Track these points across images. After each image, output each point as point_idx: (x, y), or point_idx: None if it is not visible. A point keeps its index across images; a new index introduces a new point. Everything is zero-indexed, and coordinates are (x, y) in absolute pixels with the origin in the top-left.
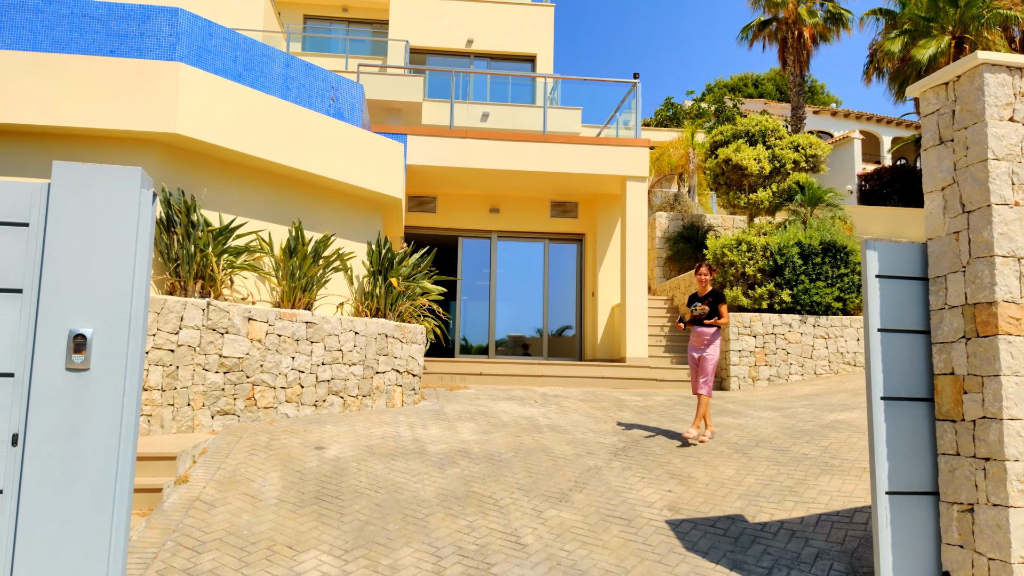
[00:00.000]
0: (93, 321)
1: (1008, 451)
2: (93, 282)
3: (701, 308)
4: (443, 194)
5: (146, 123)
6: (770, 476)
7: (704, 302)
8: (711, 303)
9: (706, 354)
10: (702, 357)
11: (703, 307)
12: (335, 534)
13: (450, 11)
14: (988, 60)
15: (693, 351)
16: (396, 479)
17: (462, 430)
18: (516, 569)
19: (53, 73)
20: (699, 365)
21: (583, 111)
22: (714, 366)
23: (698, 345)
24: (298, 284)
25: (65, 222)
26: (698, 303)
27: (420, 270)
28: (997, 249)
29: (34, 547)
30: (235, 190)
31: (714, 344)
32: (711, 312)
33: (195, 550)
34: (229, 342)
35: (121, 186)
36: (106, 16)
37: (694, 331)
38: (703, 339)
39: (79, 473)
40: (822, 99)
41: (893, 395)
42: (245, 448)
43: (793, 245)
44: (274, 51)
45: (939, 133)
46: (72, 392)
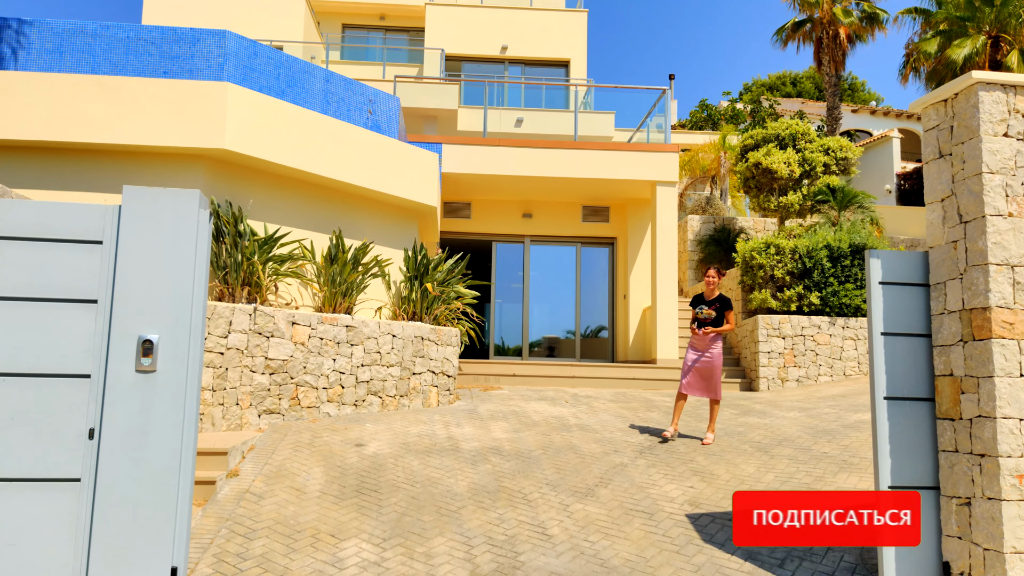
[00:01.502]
0: (159, 328)
1: (1001, 448)
2: (158, 293)
3: (708, 312)
4: (477, 200)
5: (197, 140)
6: (789, 473)
7: (711, 306)
8: (718, 309)
9: (712, 359)
10: (709, 362)
11: (710, 311)
12: (374, 524)
13: (485, 19)
14: (983, 79)
15: (695, 353)
16: (431, 474)
17: (494, 429)
18: (542, 558)
19: (112, 94)
20: (705, 371)
21: (616, 115)
22: (720, 369)
23: (701, 348)
24: (338, 290)
25: (134, 239)
26: (704, 306)
27: (454, 275)
28: (991, 258)
29: (109, 530)
30: (279, 201)
31: (717, 346)
32: (718, 317)
33: (247, 537)
34: (274, 345)
35: (182, 207)
36: (160, 39)
37: (697, 333)
38: (709, 342)
39: (148, 464)
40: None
41: (896, 395)
42: (290, 445)
43: (822, 248)
44: (315, 68)
45: (939, 147)
46: (141, 392)
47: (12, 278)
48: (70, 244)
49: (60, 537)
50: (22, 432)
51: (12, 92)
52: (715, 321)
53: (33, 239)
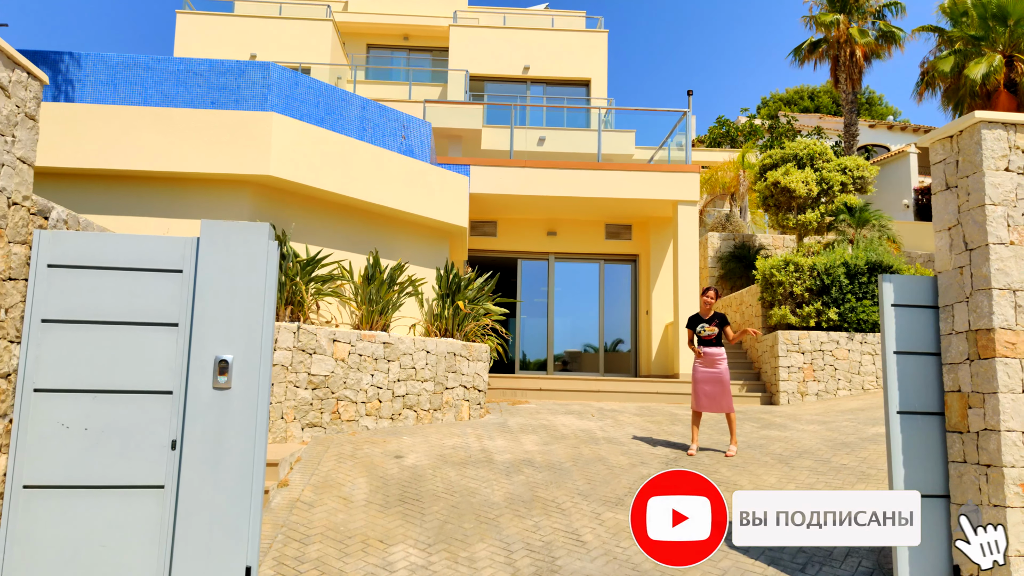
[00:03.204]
0: (233, 348)
1: (1005, 458)
2: (232, 317)
3: (710, 329)
4: (503, 219)
5: (243, 166)
6: (809, 484)
7: (711, 324)
8: (718, 325)
9: (720, 374)
10: (719, 377)
11: (712, 328)
12: (418, 531)
13: (507, 39)
14: (985, 118)
15: (705, 371)
16: (468, 484)
17: (525, 441)
18: (577, 562)
19: (164, 124)
20: (716, 386)
21: (636, 133)
22: (728, 383)
23: (710, 365)
24: (375, 308)
25: (211, 268)
26: (705, 324)
27: (484, 293)
28: (994, 283)
29: (190, 531)
30: (319, 223)
31: (724, 361)
32: (718, 334)
33: (302, 542)
34: (317, 361)
35: (253, 238)
36: (208, 71)
37: (704, 353)
38: (715, 359)
39: (224, 472)
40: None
41: (908, 409)
42: (333, 457)
43: (840, 265)
44: (351, 95)
45: (945, 180)
46: (218, 406)
47: (105, 304)
48: (154, 273)
49: (146, 538)
50: (113, 444)
51: (74, 123)
52: (717, 337)
53: (123, 268)
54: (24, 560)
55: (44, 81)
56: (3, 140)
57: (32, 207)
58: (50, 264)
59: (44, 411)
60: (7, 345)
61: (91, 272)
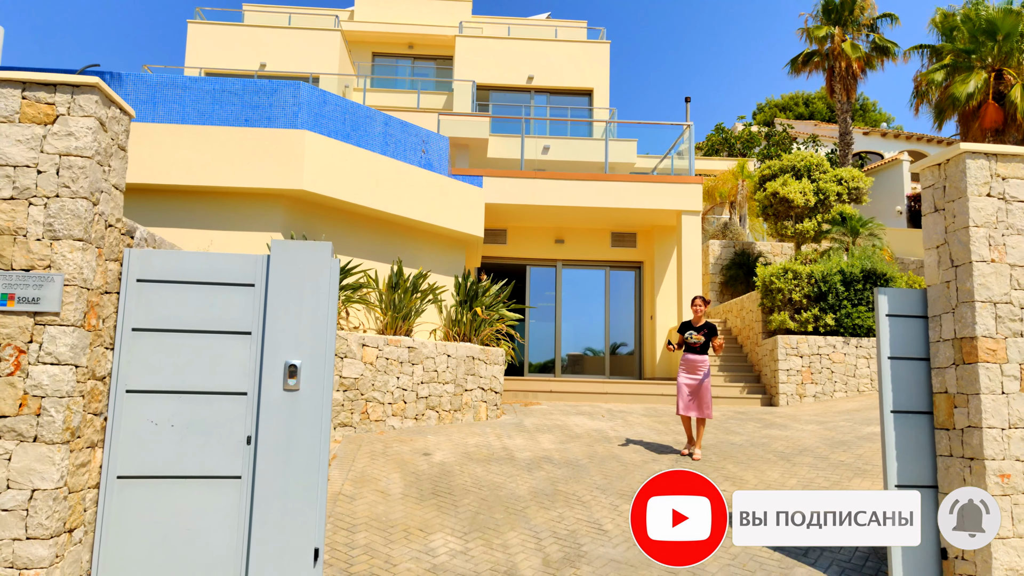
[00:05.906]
0: (301, 354)
1: (987, 452)
2: (300, 326)
3: (697, 337)
4: (513, 227)
5: (278, 181)
6: (810, 479)
7: (700, 332)
8: (706, 334)
9: (704, 382)
10: (701, 385)
11: (699, 336)
12: (453, 521)
13: (511, 50)
14: (970, 149)
15: (687, 377)
16: (494, 479)
17: (542, 440)
18: (601, 548)
19: (202, 142)
20: (697, 392)
21: (639, 142)
22: (710, 390)
23: (693, 372)
24: (399, 314)
25: (280, 283)
26: (693, 332)
27: (499, 299)
28: (977, 296)
29: (265, 517)
30: (347, 234)
31: (705, 368)
32: (705, 343)
33: (349, 530)
34: (347, 365)
35: (317, 256)
36: (242, 91)
37: (688, 359)
38: (698, 367)
39: (294, 464)
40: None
41: (901, 409)
42: (366, 454)
43: (836, 273)
44: (375, 112)
45: (934, 203)
46: (288, 407)
47: (187, 314)
48: (230, 287)
49: (227, 523)
50: (196, 439)
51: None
52: (703, 346)
53: (202, 283)
54: (119, 542)
55: (132, 115)
56: (102, 169)
57: (122, 228)
58: (139, 279)
59: (135, 410)
60: (103, 351)
61: (174, 286)
